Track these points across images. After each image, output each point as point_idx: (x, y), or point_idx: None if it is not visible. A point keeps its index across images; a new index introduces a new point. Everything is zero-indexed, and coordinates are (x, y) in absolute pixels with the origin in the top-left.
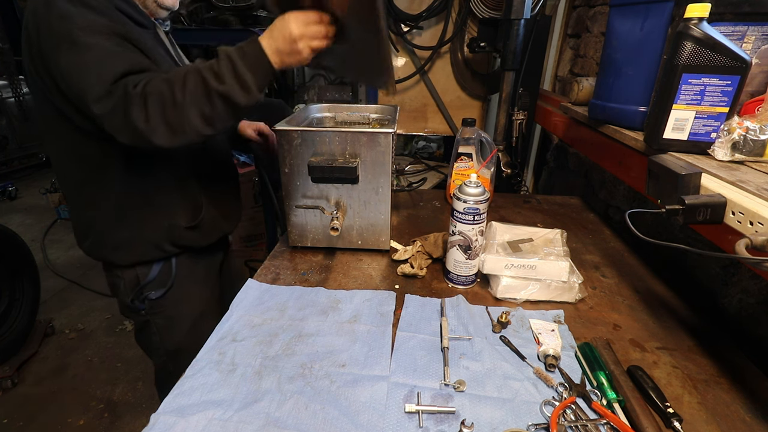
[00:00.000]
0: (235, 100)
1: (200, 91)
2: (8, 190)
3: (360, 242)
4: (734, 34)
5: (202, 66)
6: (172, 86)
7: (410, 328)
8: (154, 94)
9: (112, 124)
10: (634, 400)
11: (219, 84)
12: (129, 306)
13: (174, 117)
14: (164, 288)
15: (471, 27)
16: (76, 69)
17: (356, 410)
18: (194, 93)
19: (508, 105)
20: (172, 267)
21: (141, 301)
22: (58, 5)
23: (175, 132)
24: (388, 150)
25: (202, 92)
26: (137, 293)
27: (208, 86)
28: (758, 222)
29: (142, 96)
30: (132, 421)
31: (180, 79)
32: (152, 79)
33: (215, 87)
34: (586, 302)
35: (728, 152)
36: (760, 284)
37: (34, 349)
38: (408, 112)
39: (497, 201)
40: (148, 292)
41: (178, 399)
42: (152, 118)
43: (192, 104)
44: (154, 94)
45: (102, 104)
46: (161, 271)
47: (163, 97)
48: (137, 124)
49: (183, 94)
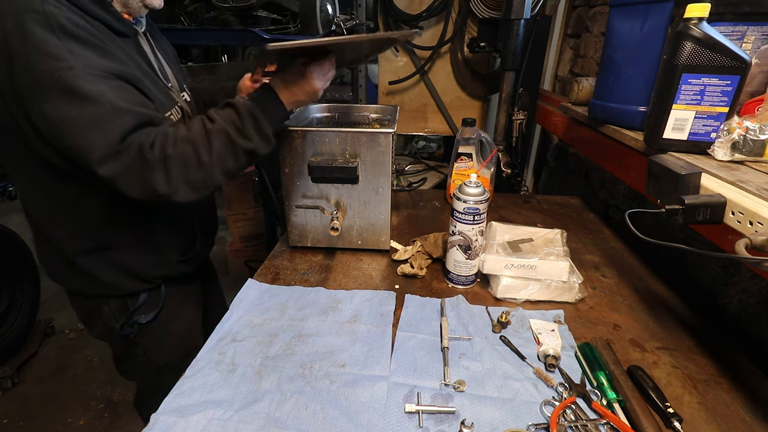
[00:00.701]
0: (259, 153)
1: (227, 150)
2: (8, 190)
3: (360, 242)
4: (734, 34)
5: (224, 123)
6: (197, 147)
7: (410, 328)
8: (177, 158)
9: (125, 185)
10: (634, 400)
11: (246, 142)
12: (116, 331)
13: (198, 177)
14: (155, 311)
15: (471, 27)
16: (73, 123)
17: (356, 410)
18: (221, 153)
19: (508, 105)
20: (161, 292)
21: (130, 326)
22: (37, 36)
23: (197, 190)
24: (388, 150)
25: (229, 151)
26: (126, 319)
27: (235, 145)
28: (758, 222)
29: (162, 160)
30: (132, 421)
31: (203, 138)
32: (169, 139)
33: (242, 145)
34: (586, 302)
35: (728, 152)
36: (760, 284)
37: (34, 349)
38: (408, 112)
39: (497, 201)
40: (138, 317)
41: (178, 399)
42: (174, 180)
43: (218, 164)
44: (177, 158)
45: (110, 166)
46: (150, 297)
47: (187, 159)
48: (157, 188)
49: (209, 155)
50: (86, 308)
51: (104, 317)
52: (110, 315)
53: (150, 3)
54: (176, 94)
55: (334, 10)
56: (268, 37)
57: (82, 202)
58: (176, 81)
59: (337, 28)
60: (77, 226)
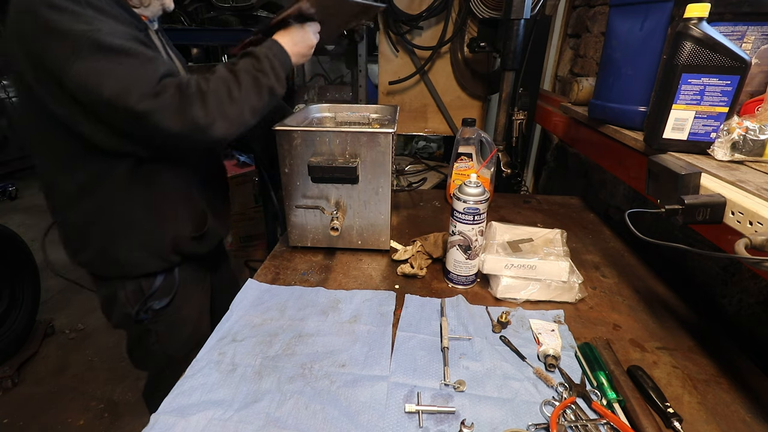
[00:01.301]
0: (277, 92)
1: (252, 86)
2: (8, 190)
3: (360, 242)
4: (734, 34)
5: (247, 65)
6: (228, 84)
7: (410, 328)
8: (212, 93)
9: (164, 120)
10: (634, 400)
11: (267, 79)
12: (132, 317)
13: (231, 111)
14: (169, 297)
15: (471, 27)
16: (111, 74)
17: (356, 410)
18: (248, 89)
19: (508, 105)
20: (175, 276)
21: (145, 312)
22: (64, 6)
23: (232, 124)
24: (388, 150)
25: (254, 87)
26: (142, 304)
27: (259, 82)
28: (758, 222)
29: (199, 94)
30: (132, 421)
31: (232, 77)
32: (202, 79)
33: (264, 82)
34: (586, 302)
35: (728, 152)
36: (760, 284)
37: (34, 349)
38: (408, 112)
39: (497, 201)
40: (152, 302)
41: (178, 399)
42: (212, 112)
43: (247, 99)
44: (212, 93)
45: (150, 102)
46: (165, 281)
47: (221, 93)
48: (197, 119)
49: (239, 90)
50: (105, 294)
51: (120, 303)
52: (126, 301)
53: (167, 6)
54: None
55: None
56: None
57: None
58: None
59: None
60: (98, 203)
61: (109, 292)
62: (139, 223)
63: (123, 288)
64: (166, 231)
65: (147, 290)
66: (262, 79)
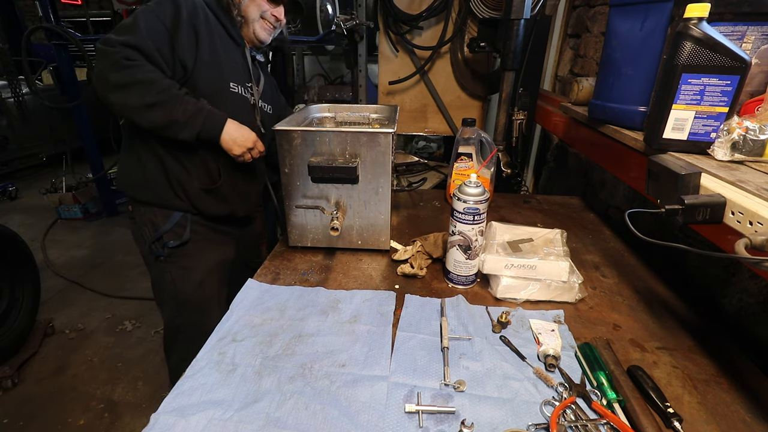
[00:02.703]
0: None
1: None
2: (8, 190)
3: (360, 242)
4: (734, 34)
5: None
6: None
7: (410, 328)
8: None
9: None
10: (634, 400)
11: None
12: (150, 250)
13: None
14: (179, 240)
15: (471, 27)
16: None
17: (356, 410)
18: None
19: (508, 105)
20: (187, 222)
21: (161, 247)
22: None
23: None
24: (388, 150)
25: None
26: (156, 239)
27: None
28: (758, 222)
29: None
30: (132, 421)
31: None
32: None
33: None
34: (586, 302)
35: (728, 152)
36: (760, 284)
37: (34, 349)
38: (408, 112)
39: (497, 201)
40: (167, 241)
41: (178, 399)
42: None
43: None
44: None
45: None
46: (177, 224)
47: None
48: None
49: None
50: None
51: (142, 238)
52: (146, 234)
53: (259, 40)
54: (255, 92)
55: (334, 10)
56: None
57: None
58: (263, 91)
59: (337, 28)
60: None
61: (136, 227)
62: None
63: (144, 223)
64: (177, 174)
65: (160, 225)
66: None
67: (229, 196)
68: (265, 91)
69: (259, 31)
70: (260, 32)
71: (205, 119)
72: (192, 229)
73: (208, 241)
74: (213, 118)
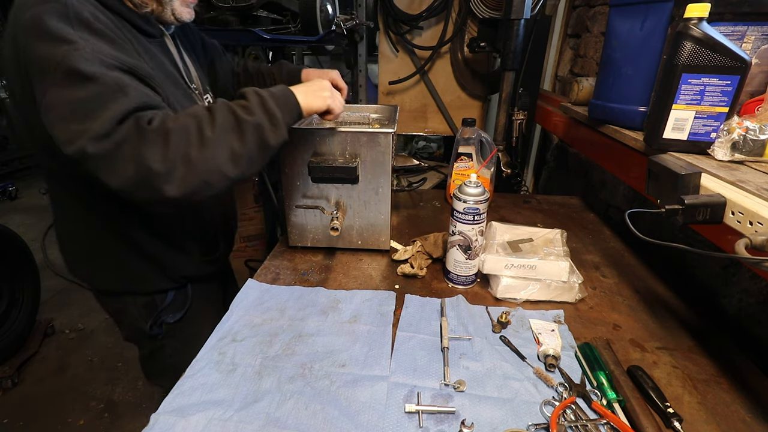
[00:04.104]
0: (266, 131)
1: (231, 123)
2: (8, 190)
3: (360, 242)
4: (734, 34)
5: (227, 102)
6: (200, 121)
7: (410, 328)
8: (178, 130)
9: (107, 167)
10: (634, 400)
11: (250, 115)
12: (145, 332)
13: (198, 155)
14: (182, 310)
15: (471, 27)
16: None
17: (356, 410)
18: (224, 126)
19: (508, 105)
20: (188, 291)
21: (159, 326)
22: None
23: (195, 174)
24: (388, 150)
25: (233, 124)
26: (155, 318)
27: (239, 118)
28: (758, 222)
29: (161, 131)
30: (132, 421)
31: (206, 113)
32: (170, 115)
33: (246, 118)
34: (586, 302)
35: (728, 152)
36: (760, 284)
37: (34, 349)
38: (408, 112)
39: (497, 201)
40: (166, 316)
41: (178, 399)
42: (172, 155)
43: (222, 139)
44: (178, 130)
45: (100, 145)
46: (177, 295)
47: (189, 132)
48: (151, 164)
49: (212, 128)
50: (113, 308)
51: (132, 318)
52: (138, 315)
53: (180, 17)
54: (199, 96)
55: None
56: (268, 37)
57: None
58: (200, 83)
59: (337, 28)
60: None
61: (119, 306)
62: (150, 247)
63: (134, 303)
64: (176, 255)
65: (160, 304)
66: (243, 115)
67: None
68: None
69: (179, 9)
70: (182, 11)
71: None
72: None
73: (206, 299)
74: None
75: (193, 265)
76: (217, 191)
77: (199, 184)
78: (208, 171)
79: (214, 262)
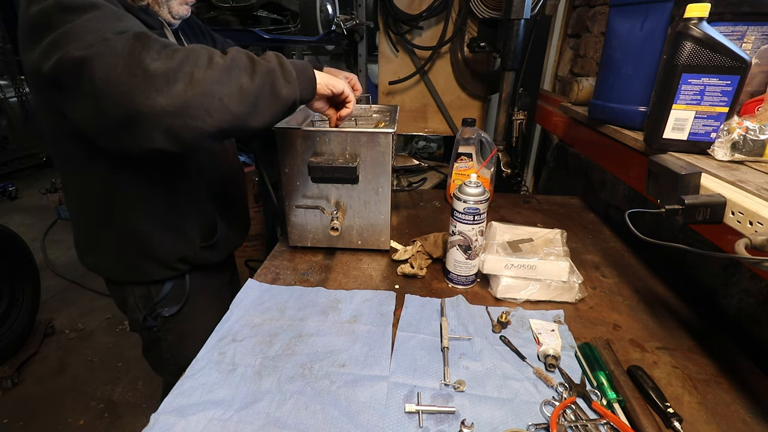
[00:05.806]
0: (277, 82)
1: (244, 61)
2: (8, 190)
3: (360, 242)
4: (734, 34)
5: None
6: (212, 51)
7: (410, 328)
8: (186, 50)
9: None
10: (634, 400)
11: (264, 61)
12: (140, 323)
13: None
14: (178, 304)
15: (471, 27)
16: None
17: (356, 410)
18: (236, 60)
19: (508, 105)
20: (185, 283)
21: (153, 319)
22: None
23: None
24: (388, 150)
25: (246, 63)
26: (150, 310)
27: (253, 59)
28: (758, 222)
29: (168, 46)
30: (132, 421)
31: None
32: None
33: (260, 61)
34: (586, 302)
35: (728, 152)
36: (760, 284)
37: (34, 349)
38: (408, 112)
39: (497, 201)
40: (161, 309)
41: (178, 399)
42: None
43: (232, 70)
44: (186, 50)
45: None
46: (174, 287)
47: (198, 55)
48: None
49: (223, 59)
50: (118, 297)
51: (130, 308)
52: (135, 306)
53: (179, 15)
54: None
55: (334, 10)
56: (268, 37)
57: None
58: None
59: (337, 28)
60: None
61: (121, 297)
62: (147, 232)
63: (132, 293)
64: (174, 240)
65: (155, 295)
66: (259, 60)
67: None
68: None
69: (177, 8)
70: (179, 8)
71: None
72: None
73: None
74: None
75: (190, 249)
76: (213, 131)
77: (195, 108)
78: (210, 95)
79: (213, 248)
